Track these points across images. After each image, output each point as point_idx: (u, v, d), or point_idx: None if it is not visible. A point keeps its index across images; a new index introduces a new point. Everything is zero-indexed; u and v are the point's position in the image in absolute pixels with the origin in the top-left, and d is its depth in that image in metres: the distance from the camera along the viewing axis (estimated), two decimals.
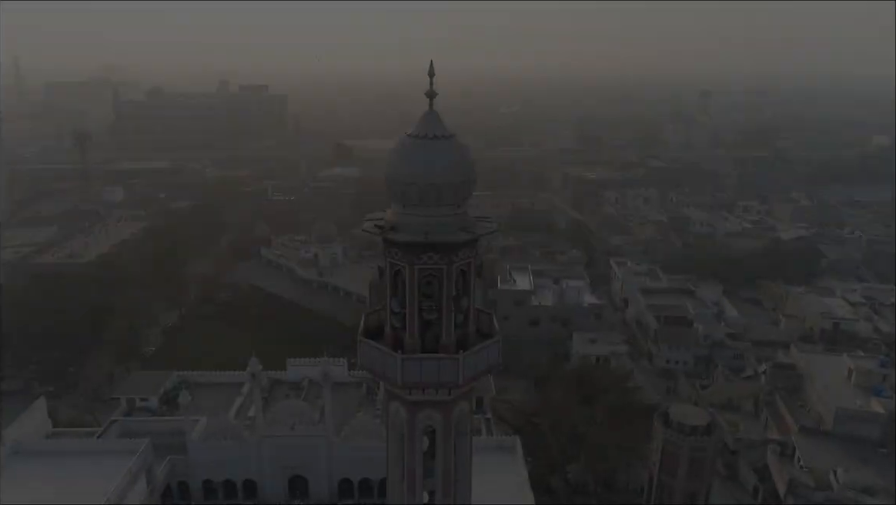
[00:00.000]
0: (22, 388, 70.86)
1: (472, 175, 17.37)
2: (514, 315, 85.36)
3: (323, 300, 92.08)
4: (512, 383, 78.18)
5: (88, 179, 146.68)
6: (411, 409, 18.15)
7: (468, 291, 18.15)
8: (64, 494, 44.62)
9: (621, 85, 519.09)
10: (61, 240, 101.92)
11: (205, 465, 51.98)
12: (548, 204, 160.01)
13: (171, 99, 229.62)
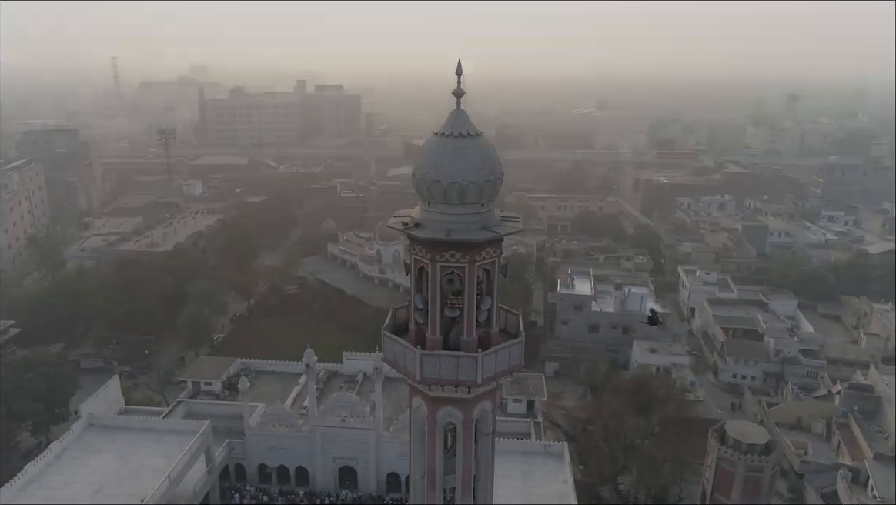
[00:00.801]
0: (102, 366, 75.75)
1: (498, 174, 17.33)
2: (574, 320, 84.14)
3: (383, 296, 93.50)
4: (568, 389, 77.15)
5: (171, 173, 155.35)
6: (432, 405, 18.29)
7: (492, 291, 18.12)
8: (129, 467, 47.56)
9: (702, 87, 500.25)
10: (144, 229, 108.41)
11: (260, 450, 54.12)
12: (616, 208, 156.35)
13: (251, 98, 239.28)
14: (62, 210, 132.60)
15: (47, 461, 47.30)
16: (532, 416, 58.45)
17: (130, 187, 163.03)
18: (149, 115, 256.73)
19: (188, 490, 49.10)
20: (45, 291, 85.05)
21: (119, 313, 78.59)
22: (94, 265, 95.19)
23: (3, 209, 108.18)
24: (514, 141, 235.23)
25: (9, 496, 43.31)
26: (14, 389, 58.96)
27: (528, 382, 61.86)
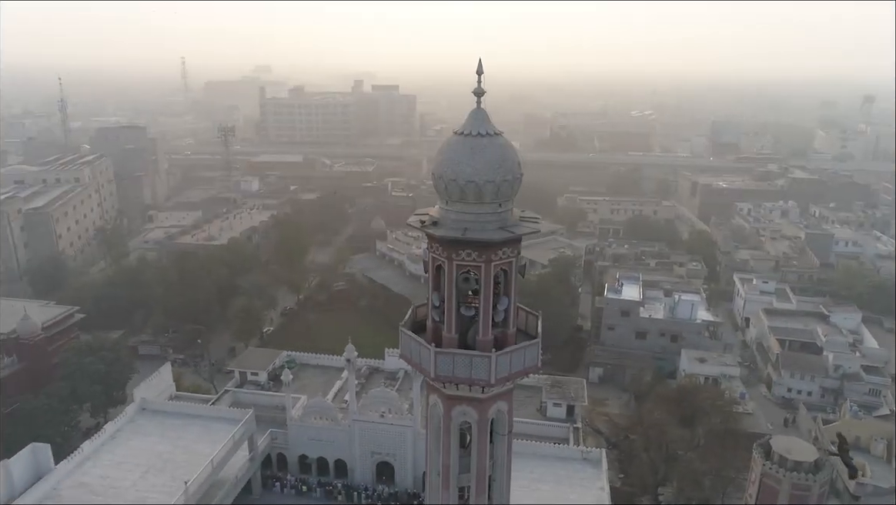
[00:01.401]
0: (158, 353, 79.07)
1: (516, 174, 17.23)
2: (620, 326, 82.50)
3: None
4: (612, 395, 75.79)
5: (230, 170, 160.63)
6: (447, 403, 18.36)
7: (509, 291, 18.03)
8: (176, 450, 49.51)
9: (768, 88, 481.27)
10: (202, 223, 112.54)
11: (301, 441, 55.39)
12: (672, 212, 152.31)
13: (310, 97, 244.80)
14: (129, 203, 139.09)
15: (102, 441, 49.78)
16: (571, 421, 57.71)
17: (192, 182, 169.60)
18: (213, 113, 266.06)
19: (230, 476, 50.71)
20: (109, 280, 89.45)
21: (176, 303, 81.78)
22: (155, 256, 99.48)
23: (75, 201, 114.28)
24: (568, 143, 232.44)
25: (66, 471, 45.84)
26: (76, 371, 62.28)
27: (569, 386, 61.15)
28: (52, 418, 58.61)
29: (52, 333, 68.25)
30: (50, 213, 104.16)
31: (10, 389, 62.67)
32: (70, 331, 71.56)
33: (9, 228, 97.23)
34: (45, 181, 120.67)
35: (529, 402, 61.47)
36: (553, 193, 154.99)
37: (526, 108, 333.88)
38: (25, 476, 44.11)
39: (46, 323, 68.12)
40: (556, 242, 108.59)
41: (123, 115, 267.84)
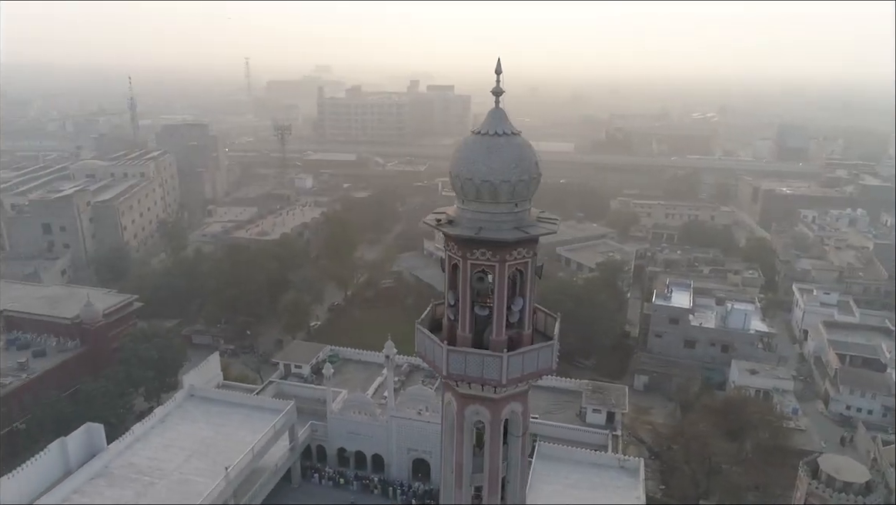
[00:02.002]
0: (210, 343, 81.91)
1: (532, 174, 17.09)
2: (669, 333, 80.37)
3: None
4: (657, 404, 73.95)
5: (285, 167, 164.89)
6: (460, 401, 18.40)
7: (524, 292, 17.90)
8: (220, 436, 51.18)
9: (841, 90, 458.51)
10: (256, 218, 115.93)
11: (340, 434, 56.45)
12: (730, 218, 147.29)
13: (366, 97, 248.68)
14: (190, 197, 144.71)
15: (151, 424, 52.01)
16: (611, 428, 56.66)
17: (251, 179, 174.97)
18: (273, 112, 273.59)
19: (271, 464, 52.22)
20: (167, 271, 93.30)
21: (228, 295, 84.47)
22: (211, 249, 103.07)
23: (140, 195, 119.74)
24: (625, 145, 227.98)
25: (117, 451, 48.12)
26: (132, 357, 65.26)
27: (610, 393, 60.04)
28: (109, 401, 61.59)
29: (113, 319, 71.60)
30: (116, 205, 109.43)
31: (73, 371, 66.24)
32: (129, 318, 74.93)
33: (78, 219, 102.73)
34: (113, 175, 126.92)
35: (569, 406, 60.73)
36: (606, 196, 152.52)
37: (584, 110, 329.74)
38: (80, 454, 46.55)
39: (107, 310, 71.54)
40: (606, 246, 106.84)
41: (189, 114, 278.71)
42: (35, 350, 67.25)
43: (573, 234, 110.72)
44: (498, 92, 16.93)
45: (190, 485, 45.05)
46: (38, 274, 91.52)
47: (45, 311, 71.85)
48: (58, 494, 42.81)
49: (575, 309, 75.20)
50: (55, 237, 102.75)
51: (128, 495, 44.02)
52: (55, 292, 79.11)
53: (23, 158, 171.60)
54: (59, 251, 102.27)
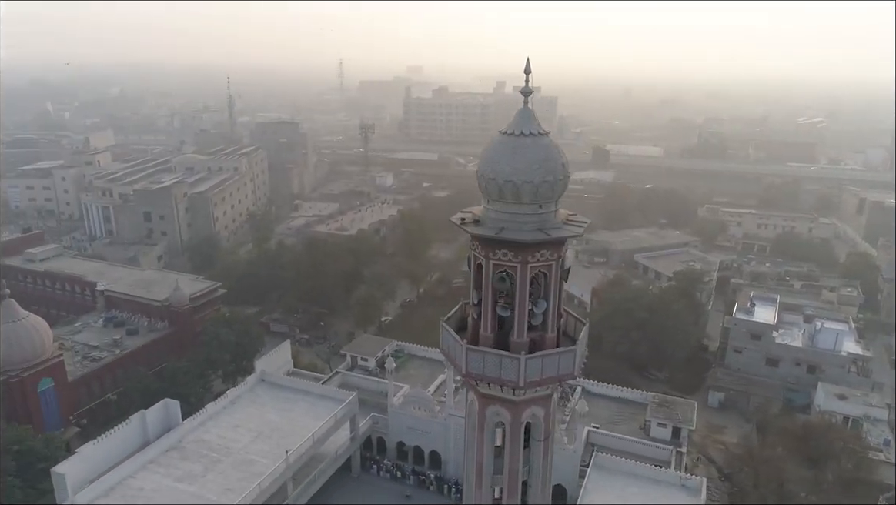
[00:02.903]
0: (286, 332, 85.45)
1: (557, 176, 16.80)
2: (749, 350, 76.11)
3: None
4: (732, 423, 70.30)
5: (368, 165, 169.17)
6: (481, 401, 18.39)
7: (548, 295, 17.63)
8: (285, 420, 53.36)
9: None
10: (337, 214, 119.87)
11: (400, 428, 57.42)
12: (831, 231, 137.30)
13: (452, 97, 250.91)
14: (279, 192, 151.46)
15: (223, 405, 54.99)
16: (676, 444, 54.40)
17: (336, 175, 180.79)
18: (363, 111, 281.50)
19: (331, 452, 53.95)
20: (251, 261, 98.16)
21: (305, 287, 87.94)
22: (293, 242, 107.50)
23: (232, 188, 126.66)
24: (718, 150, 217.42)
25: (191, 427, 51.25)
26: (213, 340, 69.26)
27: (678, 407, 57.63)
28: (190, 380, 65.71)
29: (198, 304, 76.25)
30: (210, 197, 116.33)
31: (160, 350, 71.18)
32: (213, 303, 79.49)
33: (175, 209, 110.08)
34: (209, 169, 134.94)
35: (633, 418, 58.85)
36: (693, 203, 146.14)
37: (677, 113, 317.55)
38: (158, 427, 49.91)
39: (194, 295, 76.27)
40: (689, 255, 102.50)
41: (284, 112, 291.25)
42: (129, 328, 72.76)
43: (653, 242, 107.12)
44: (527, 92, 16.83)
45: (253, 465, 47.32)
46: (137, 258, 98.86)
47: (140, 293, 77.54)
48: (135, 462, 46.15)
49: (647, 319, 72.91)
50: (154, 225, 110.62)
51: (197, 469, 46.81)
52: (150, 276, 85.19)
53: (134, 151, 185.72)
54: (157, 238, 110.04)
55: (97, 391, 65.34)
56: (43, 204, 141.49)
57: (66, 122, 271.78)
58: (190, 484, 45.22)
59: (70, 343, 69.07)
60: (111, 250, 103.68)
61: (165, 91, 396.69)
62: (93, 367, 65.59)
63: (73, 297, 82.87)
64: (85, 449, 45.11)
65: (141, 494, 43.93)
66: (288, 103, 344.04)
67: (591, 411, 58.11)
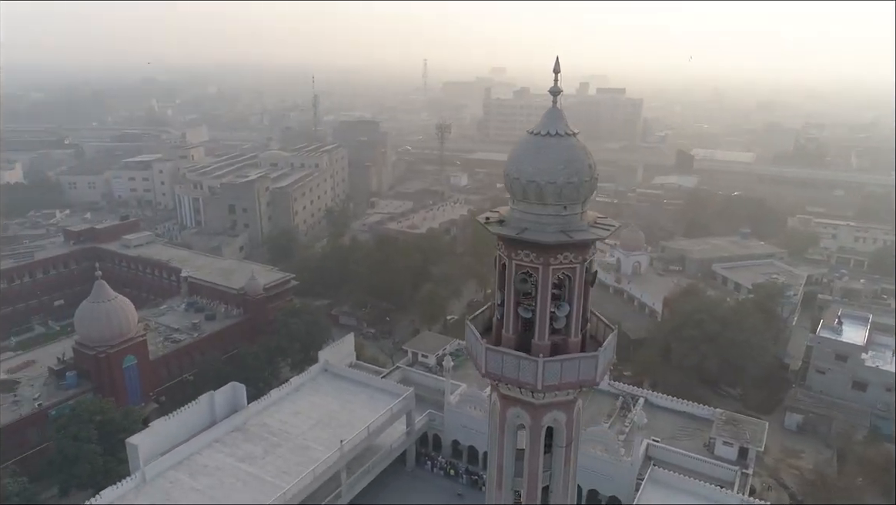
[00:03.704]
0: (354, 325, 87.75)
1: (583, 177, 16.42)
2: (833, 371, 71.14)
3: (614, 306, 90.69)
4: (810, 448, 66.03)
5: (444, 165, 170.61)
6: (502, 402, 18.29)
7: (572, 298, 17.29)
8: (343, 410, 54.80)
9: None
10: (409, 212, 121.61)
11: (455, 426, 57.64)
12: None
13: (533, 98, 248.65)
14: (357, 189, 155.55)
15: (287, 391, 57.13)
16: (742, 465, 51.63)
17: (414, 174, 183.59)
18: (445, 112, 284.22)
19: (386, 445, 54.89)
20: (324, 255, 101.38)
21: (374, 282, 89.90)
22: (366, 239, 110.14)
23: (312, 184, 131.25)
24: (816, 157, 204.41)
25: (255, 411, 53.56)
26: (283, 329, 72.18)
27: (746, 426, 54.66)
28: (259, 366, 68.77)
29: (271, 293, 79.58)
30: (290, 192, 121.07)
31: (234, 336, 74.84)
32: (286, 294, 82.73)
33: (257, 203, 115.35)
34: (292, 165, 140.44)
35: (697, 435, 56.32)
36: (783, 213, 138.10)
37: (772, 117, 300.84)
38: (225, 408, 52.49)
39: (268, 285, 79.66)
40: (772, 267, 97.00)
41: (369, 111, 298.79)
42: (207, 314, 76.95)
43: (734, 252, 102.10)
44: (556, 91, 16.57)
45: (309, 451, 48.91)
46: (220, 248, 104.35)
47: (219, 280, 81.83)
48: (202, 440, 48.76)
49: (720, 332, 69.61)
50: (238, 217, 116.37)
51: (257, 451, 48.92)
52: (230, 265, 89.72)
53: (225, 147, 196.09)
54: (239, 229, 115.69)
55: (176, 371, 69.54)
56: (142, 194, 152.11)
57: (168, 118, 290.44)
58: (250, 465, 47.32)
59: (154, 324, 73.86)
60: (197, 239, 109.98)
61: (259, 90, 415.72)
62: (173, 348, 69.86)
63: (160, 281, 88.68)
64: (157, 424, 48.19)
65: (205, 470, 46.41)
66: (373, 103, 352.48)
67: (654, 424, 56.31)
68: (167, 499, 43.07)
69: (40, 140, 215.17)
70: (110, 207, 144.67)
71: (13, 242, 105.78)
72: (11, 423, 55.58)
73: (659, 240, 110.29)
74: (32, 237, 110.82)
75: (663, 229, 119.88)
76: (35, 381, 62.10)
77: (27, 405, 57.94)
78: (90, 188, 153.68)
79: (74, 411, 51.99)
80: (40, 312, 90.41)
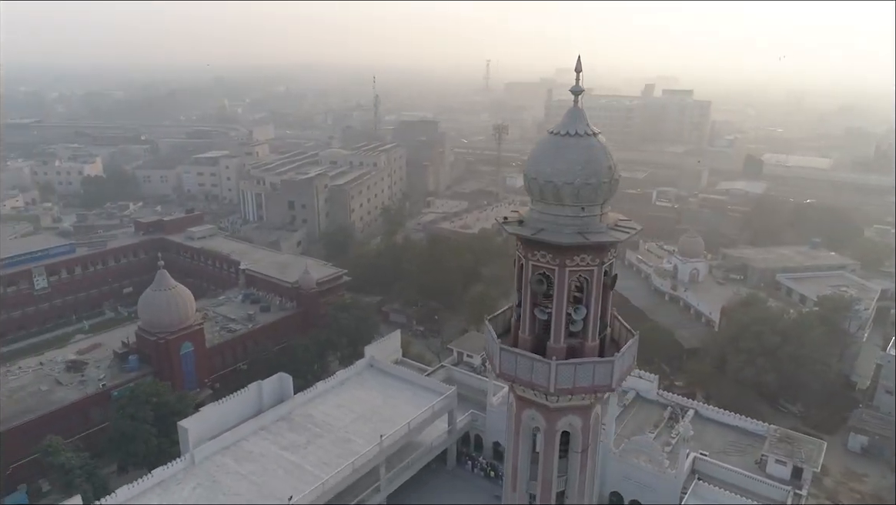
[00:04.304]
0: (404, 322, 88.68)
1: (601, 178, 16.09)
2: None
3: (669, 313, 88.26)
4: (875, 472, 62.43)
5: (500, 165, 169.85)
6: (518, 403, 18.17)
7: (589, 301, 16.96)
8: (385, 406, 55.52)
9: None
10: (463, 213, 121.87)
11: (497, 427, 57.26)
12: None
13: (594, 100, 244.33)
14: (414, 188, 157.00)
15: (332, 384, 58.30)
16: (796, 485, 49.19)
17: (471, 175, 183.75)
18: (505, 113, 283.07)
19: (426, 442, 55.24)
20: (378, 253, 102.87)
21: (425, 280, 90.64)
22: (420, 238, 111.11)
23: (369, 182, 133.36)
24: None
25: (300, 402, 54.95)
26: (332, 322, 73.71)
27: (802, 445, 52.10)
28: (309, 358, 70.51)
29: (324, 288, 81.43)
30: (347, 189, 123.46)
31: (287, 328, 76.99)
32: (338, 289, 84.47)
33: (316, 199, 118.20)
34: (351, 163, 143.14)
35: (749, 451, 54.08)
36: (859, 222, 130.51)
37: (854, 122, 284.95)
38: (272, 397, 54.14)
39: (320, 280, 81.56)
40: (843, 280, 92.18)
41: (430, 111, 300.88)
42: (262, 305, 79.47)
43: (802, 262, 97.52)
44: (577, 91, 16.33)
45: (350, 443, 49.80)
46: (278, 243, 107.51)
47: (275, 273, 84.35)
48: (249, 427, 50.44)
49: (779, 345, 66.61)
50: (297, 213, 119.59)
51: (300, 441, 50.18)
52: (286, 259, 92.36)
53: (290, 144, 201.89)
54: (298, 225, 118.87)
55: (230, 359, 72.16)
56: (210, 189, 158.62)
57: (238, 116, 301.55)
58: (293, 453, 48.60)
59: (212, 314, 76.84)
60: (258, 233, 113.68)
61: (326, 90, 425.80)
62: (228, 337, 72.52)
63: (220, 272, 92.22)
64: (207, 409, 50.18)
65: (250, 456, 47.98)
66: (435, 103, 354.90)
67: (703, 438, 54.61)
68: (213, 481, 44.79)
69: (120, 136, 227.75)
70: (180, 201, 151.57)
71: (90, 232, 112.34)
72: (77, 400, 59.08)
73: (720, 247, 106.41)
74: (107, 227, 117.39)
75: (725, 236, 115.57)
76: (101, 362, 65.79)
77: (92, 385, 61.44)
78: (162, 182, 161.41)
79: (133, 393, 54.75)
80: (111, 298, 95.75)
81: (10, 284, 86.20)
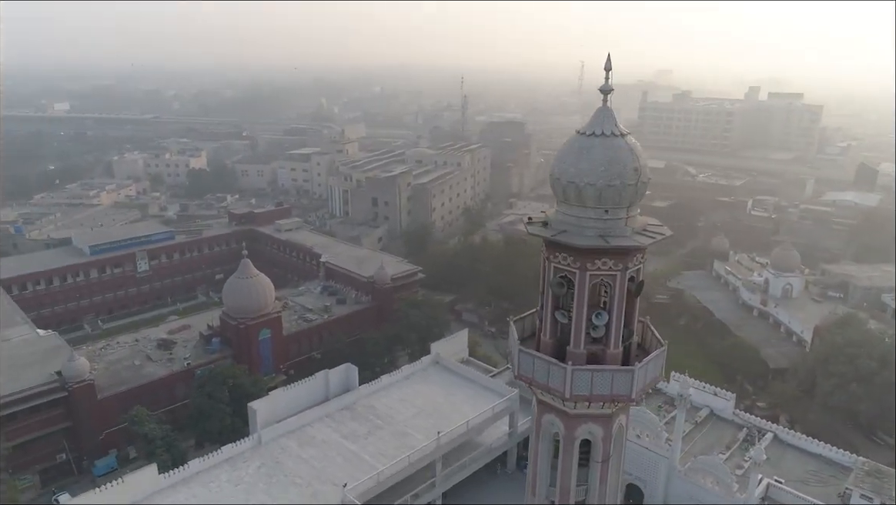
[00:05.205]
0: (476, 322, 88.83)
1: (626, 181, 15.48)
2: None
3: (756, 330, 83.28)
4: None
5: None
6: (539, 407, 17.90)
7: (611, 307, 16.41)
8: (447, 403, 55.89)
9: None
10: None
11: None
12: None
13: (693, 103, 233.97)
14: (497, 189, 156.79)
15: (397, 378, 59.38)
16: None
17: None
18: None
19: (486, 443, 55.08)
20: (454, 252, 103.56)
21: (499, 281, 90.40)
22: (497, 239, 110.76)
23: (452, 182, 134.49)
24: None
25: (365, 393, 56.36)
26: (404, 318, 75.00)
27: (892, 481, 47.58)
28: (378, 352, 72.10)
29: (398, 284, 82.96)
30: (430, 188, 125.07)
31: (360, 321, 79.10)
32: (412, 286, 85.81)
33: (398, 197, 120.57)
34: (436, 163, 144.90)
35: (832, 482, 50.10)
36: None
37: None
38: (337, 386, 55.91)
39: (395, 275, 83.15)
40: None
41: (521, 113, 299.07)
42: (339, 298, 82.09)
43: None
44: (606, 90, 15.83)
45: (408, 438, 50.54)
46: (360, 238, 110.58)
47: (353, 268, 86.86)
48: (314, 413, 52.34)
49: (877, 371, 61.28)
50: (380, 210, 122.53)
51: (361, 431, 51.49)
52: (365, 254, 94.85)
53: (379, 143, 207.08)
54: (380, 221, 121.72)
55: (306, 348, 75.06)
56: (301, 184, 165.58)
57: (334, 115, 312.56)
58: (353, 442, 49.95)
59: (291, 303, 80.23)
60: (341, 228, 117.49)
61: (418, 90, 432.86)
62: (304, 326, 75.46)
63: (302, 264, 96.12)
64: (276, 393, 52.54)
65: (312, 441, 49.79)
66: (527, 105, 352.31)
67: (781, 464, 51.33)
68: (276, 462, 46.85)
69: (224, 132, 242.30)
70: (273, 194, 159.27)
71: (189, 221, 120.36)
72: (164, 376, 63.56)
73: (819, 262, 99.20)
74: (205, 217, 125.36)
75: (827, 251, 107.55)
76: (188, 343, 70.39)
77: (178, 364, 65.86)
78: (258, 176, 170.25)
79: (213, 373, 58.22)
80: (203, 283, 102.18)
81: (116, 266, 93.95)
